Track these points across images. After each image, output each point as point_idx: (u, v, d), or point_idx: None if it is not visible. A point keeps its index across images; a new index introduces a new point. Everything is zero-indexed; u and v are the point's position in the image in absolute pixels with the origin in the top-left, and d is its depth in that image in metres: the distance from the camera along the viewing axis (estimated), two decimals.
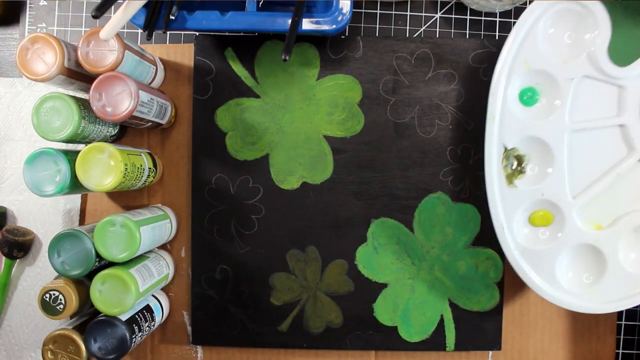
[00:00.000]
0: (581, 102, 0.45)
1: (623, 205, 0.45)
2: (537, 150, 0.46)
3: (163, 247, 0.52)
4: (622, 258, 0.44)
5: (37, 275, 0.51)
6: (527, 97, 0.46)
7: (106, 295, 0.42)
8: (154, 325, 0.47)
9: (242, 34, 0.51)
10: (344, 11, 0.44)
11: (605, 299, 0.45)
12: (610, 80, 0.44)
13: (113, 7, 0.44)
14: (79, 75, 0.43)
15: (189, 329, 0.51)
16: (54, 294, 0.43)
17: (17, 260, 0.50)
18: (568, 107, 0.45)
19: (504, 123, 0.45)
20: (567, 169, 0.45)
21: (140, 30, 0.52)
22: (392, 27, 0.52)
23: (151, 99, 0.44)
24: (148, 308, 0.47)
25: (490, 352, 0.52)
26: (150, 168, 0.48)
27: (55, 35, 0.52)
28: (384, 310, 0.50)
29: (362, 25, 0.52)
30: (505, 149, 0.45)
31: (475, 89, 0.50)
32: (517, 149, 0.46)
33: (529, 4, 0.45)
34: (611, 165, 0.45)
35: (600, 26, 0.44)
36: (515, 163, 0.46)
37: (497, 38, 0.52)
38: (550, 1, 0.44)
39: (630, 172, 0.45)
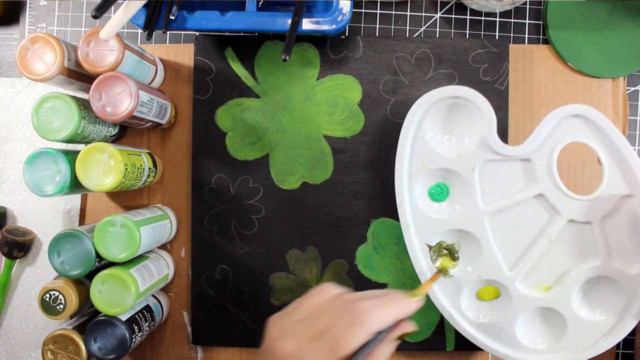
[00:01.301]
0: (491, 185, 0.45)
1: (565, 264, 0.45)
2: (462, 238, 0.46)
3: (163, 247, 0.52)
4: (578, 311, 0.44)
5: (37, 275, 0.51)
6: (438, 194, 0.46)
7: (106, 295, 0.42)
8: (154, 325, 0.47)
9: (242, 34, 0.51)
10: (344, 11, 0.44)
11: (576, 349, 0.44)
12: (511, 158, 0.44)
13: (113, 7, 0.44)
14: (79, 75, 0.43)
15: (189, 329, 0.51)
16: (54, 294, 0.43)
17: (17, 260, 0.50)
18: (479, 193, 0.45)
19: (420, 227, 0.46)
20: (496, 248, 0.45)
21: (140, 30, 0.52)
22: (392, 27, 0.52)
23: (151, 99, 0.44)
24: (148, 308, 0.47)
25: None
26: (150, 168, 0.48)
27: (55, 35, 0.52)
28: None
29: (362, 25, 0.52)
30: (430, 247, 0.46)
31: (475, 89, 0.49)
32: (444, 241, 0.46)
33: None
34: (539, 232, 0.45)
35: (483, 112, 0.43)
36: (446, 252, 0.46)
37: (497, 38, 0.52)
38: (429, 102, 0.44)
39: (562, 234, 0.44)
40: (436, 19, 0.52)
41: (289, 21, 0.42)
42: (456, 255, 0.46)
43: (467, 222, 0.45)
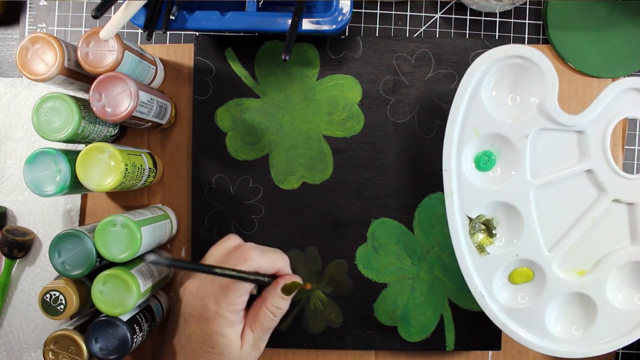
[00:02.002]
0: (541, 155, 0.44)
1: (603, 247, 0.44)
2: (504, 213, 0.45)
3: (163, 247, 0.52)
4: (612, 298, 0.43)
5: (37, 275, 0.51)
6: (484, 162, 0.44)
7: (107, 295, 0.42)
8: (154, 325, 0.47)
9: (242, 34, 0.51)
10: (344, 11, 0.44)
11: (602, 341, 0.44)
12: (567, 129, 0.43)
13: (113, 7, 0.44)
14: (79, 75, 0.43)
15: None
16: (54, 294, 0.43)
17: (17, 260, 0.50)
18: (528, 164, 0.43)
19: (464, 195, 0.44)
20: (538, 225, 0.44)
21: (140, 30, 0.52)
22: (392, 27, 0.52)
23: (151, 99, 0.44)
24: (149, 308, 0.47)
25: (490, 352, 0.52)
26: (150, 168, 0.48)
27: (55, 35, 0.52)
28: (384, 310, 0.50)
29: (362, 25, 0.52)
30: (470, 219, 0.44)
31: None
32: (483, 215, 0.45)
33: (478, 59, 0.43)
34: (583, 211, 0.44)
35: (546, 76, 0.42)
36: (484, 228, 0.45)
37: (497, 38, 0.52)
38: (491, 60, 0.42)
39: (605, 214, 0.43)
40: (436, 19, 0.52)
41: (289, 21, 0.42)
42: (494, 231, 0.45)
43: (513, 194, 0.43)
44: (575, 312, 0.45)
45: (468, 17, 0.52)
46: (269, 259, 0.44)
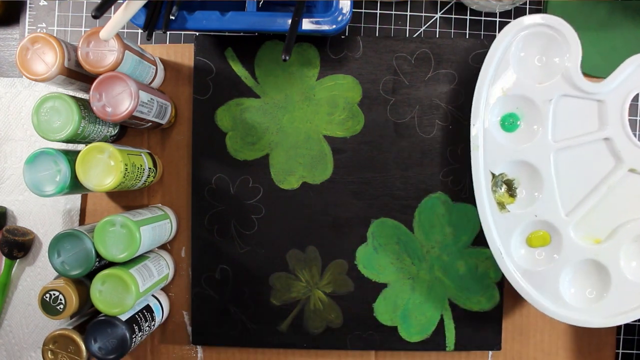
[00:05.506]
0: (563, 120, 0.45)
1: (619, 216, 0.45)
2: (525, 173, 0.46)
3: (163, 247, 0.52)
4: (625, 269, 0.44)
5: (37, 275, 0.51)
6: (509, 123, 0.46)
7: (106, 295, 0.42)
8: (154, 325, 0.47)
9: (242, 34, 0.51)
10: (344, 11, 0.44)
11: (613, 312, 0.44)
12: (588, 96, 0.45)
13: (113, 7, 0.44)
14: (79, 75, 0.43)
15: (189, 329, 0.51)
16: (54, 294, 0.43)
17: (17, 260, 0.50)
18: (550, 127, 0.45)
19: (489, 151, 0.46)
20: (557, 187, 0.45)
21: (140, 30, 0.52)
22: (392, 27, 0.52)
23: (151, 99, 0.44)
24: (148, 308, 0.47)
25: (490, 352, 0.52)
26: (150, 168, 0.48)
27: (55, 35, 0.52)
28: (384, 310, 0.50)
29: (362, 25, 0.52)
30: (494, 176, 0.46)
31: (474, 89, 0.49)
32: (505, 174, 0.46)
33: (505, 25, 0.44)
34: (601, 179, 0.45)
35: (571, 45, 0.44)
36: (505, 187, 0.46)
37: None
38: (521, 26, 0.44)
39: (621, 183, 0.45)
40: (436, 19, 0.52)
41: (289, 21, 0.42)
42: (514, 189, 0.46)
43: (534, 154, 0.45)
44: (589, 278, 0.46)
45: (468, 17, 0.52)
46: None
